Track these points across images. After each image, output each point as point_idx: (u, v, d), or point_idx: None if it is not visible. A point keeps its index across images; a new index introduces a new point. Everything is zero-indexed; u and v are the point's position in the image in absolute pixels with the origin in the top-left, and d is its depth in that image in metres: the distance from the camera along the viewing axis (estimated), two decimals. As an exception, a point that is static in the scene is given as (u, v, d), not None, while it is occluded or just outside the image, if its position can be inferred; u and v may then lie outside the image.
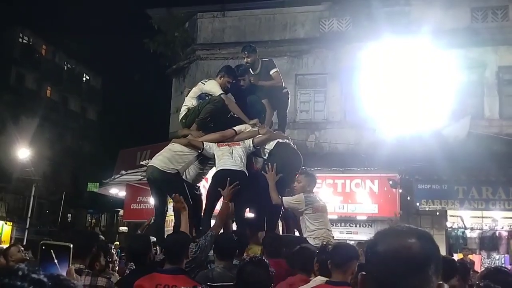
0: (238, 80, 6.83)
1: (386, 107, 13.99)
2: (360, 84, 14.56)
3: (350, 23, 16.25)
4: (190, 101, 6.77)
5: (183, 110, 6.85)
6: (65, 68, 42.88)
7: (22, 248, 6.40)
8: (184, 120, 6.83)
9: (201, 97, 6.71)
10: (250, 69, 7.24)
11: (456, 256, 11.69)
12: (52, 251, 2.89)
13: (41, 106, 36.62)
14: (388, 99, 13.98)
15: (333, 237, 6.18)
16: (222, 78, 6.73)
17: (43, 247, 2.68)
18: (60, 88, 41.40)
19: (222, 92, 6.59)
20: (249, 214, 6.63)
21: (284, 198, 5.95)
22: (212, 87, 6.63)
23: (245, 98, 6.85)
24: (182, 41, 17.92)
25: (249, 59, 7.18)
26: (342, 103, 15.95)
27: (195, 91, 6.80)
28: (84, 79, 45.09)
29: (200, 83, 6.87)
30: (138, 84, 47.43)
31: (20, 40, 38.25)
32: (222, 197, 5.79)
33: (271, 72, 7.14)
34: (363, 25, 15.55)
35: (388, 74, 14.11)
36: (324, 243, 4.99)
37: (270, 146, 6.34)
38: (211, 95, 6.63)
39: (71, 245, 2.89)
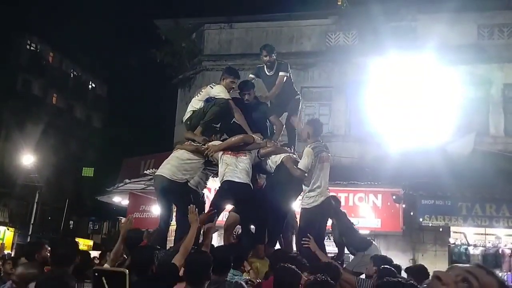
0: (243, 94, 6.75)
1: (391, 122, 14.00)
2: (365, 98, 14.58)
3: (356, 37, 16.30)
4: (197, 104, 6.72)
5: (188, 112, 6.79)
6: (72, 76, 43.13)
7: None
8: (188, 122, 6.77)
9: (208, 100, 6.67)
10: (266, 70, 7.20)
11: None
12: (103, 278, 2.67)
13: (47, 112, 36.83)
14: (393, 114, 13.98)
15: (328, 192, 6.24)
16: (225, 80, 6.70)
17: (96, 274, 2.47)
18: (66, 95, 41.62)
19: (229, 97, 6.57)
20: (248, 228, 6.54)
21: (300, 166, 5.97)
22: (220, 92, 6.59)
23: (250, 114, 6.78)
24: (188, 52, 18.00)
25: (266, 58, 7.12)
26: (347, 116, 15.96)
27: (202, 94, 6.75)
28: (90, 87, 45.32)
29: (208, 86, 6.81)
30: (144, 93, 47.54)
31: (28, 47, 38.55)
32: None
33: (279, 74, 7.09)
34: (369, 40, 15.60)
35: (394, 89, 14.13)
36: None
37: (275, 159, 6.29)
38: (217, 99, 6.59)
39: (127, 271, 2.67)
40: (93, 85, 45.55)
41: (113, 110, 43.68)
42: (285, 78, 7.09)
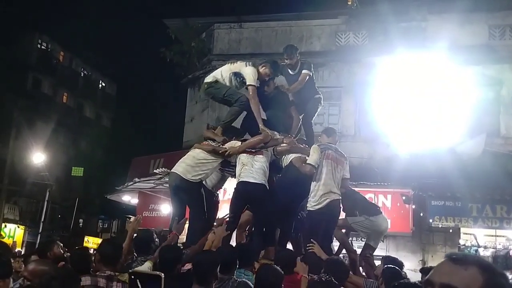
0: (263, 85, 6.68)
1: (400, 122, 13.95)
2: (375, 99, 14.54)
3: (366, 37, 16.25)
4: (226, 72, 6.63)
5: (212, 77, 6.70)
6: (82, 75, 43.30)
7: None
8: (206, 86, 6.74)
9: (236, 74, 6.56)
10: (289, 69, 7.13)
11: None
12: (138, 281, 2.73)
13: (57, 111, 37.02)
14: (403, 114, 13.94)
15: (336, 194, 6.07)
16: (264, 68, 6.57)
17: (132, 277, 2.51)
18: (76, 94, 41.80)
19: (254, 84, 6.42)
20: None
21: (309, 161, 5.91)
22: (249, 73, 6.45)
23: (271, 104, 6.72)
24: (198, 51, 18.03)
25: (289, 61, 7.07)
26: (356, 117, 15.92)
27: (236, 65, 6.64)
28: (100, 86, 45.48)
29: (245, 62, 6.68)
30: (153, 92, 47.73)
31: (39, 46, 38.73)
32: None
33: (302, 71, 7.02)
34: (379, 40, 15.55)
35: (403, 89, 14.08)
36: None
37: (287, 158, 6.23)
38: (244, 78, 6.47)
39: (162, 275, 2.71)
40: (103, 84, 45.71)
41: (122, 109, 43.86)
42: (307, 76, 7.04)
